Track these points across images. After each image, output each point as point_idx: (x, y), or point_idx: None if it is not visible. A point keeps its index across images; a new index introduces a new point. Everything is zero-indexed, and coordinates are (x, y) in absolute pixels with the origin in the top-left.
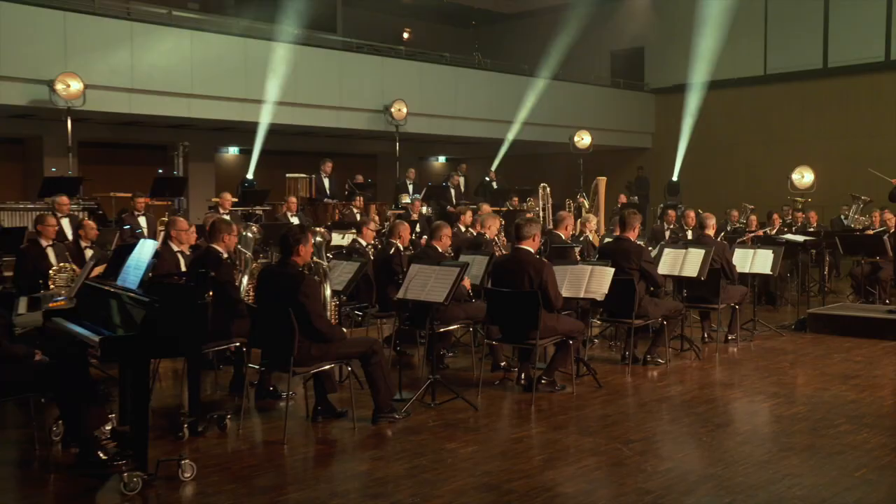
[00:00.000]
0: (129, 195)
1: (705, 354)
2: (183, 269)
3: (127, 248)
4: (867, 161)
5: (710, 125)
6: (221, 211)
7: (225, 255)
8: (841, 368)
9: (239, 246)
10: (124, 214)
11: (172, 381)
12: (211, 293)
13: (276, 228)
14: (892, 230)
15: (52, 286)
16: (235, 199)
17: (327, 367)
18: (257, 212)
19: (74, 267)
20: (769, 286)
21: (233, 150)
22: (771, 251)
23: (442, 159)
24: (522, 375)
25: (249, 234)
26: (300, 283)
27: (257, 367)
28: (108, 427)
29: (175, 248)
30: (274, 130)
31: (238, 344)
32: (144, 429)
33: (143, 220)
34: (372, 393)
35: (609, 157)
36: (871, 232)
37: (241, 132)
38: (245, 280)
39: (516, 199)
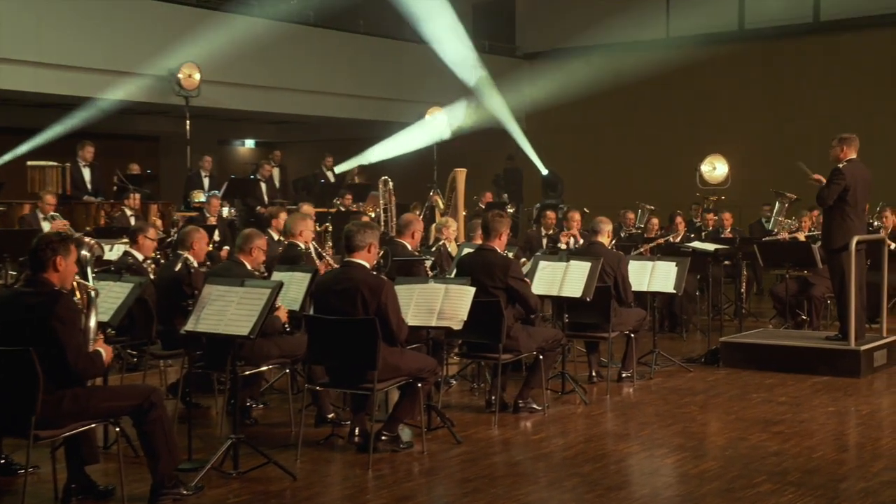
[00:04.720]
0: None
1: (593, 397)
2: None
3: None
4: (791, 146)
5: (599, 102)
6: None
7: None
8: (761, 412)
9: None
10: None
11: None
12: None
13: (14, 237)
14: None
15: None
16: None
17: (85, 427)
18: None
19: None
20: (672, 308)
21: None
22: (674, 264)
23: (250, 144)
24: (357, 430)
25: None
26: (54, 304)
27: None
28: None
29: None
30: (8, 100)
31: None
32: None
33: None
34: (149, 461)
35: (470, 143)
36: (786, 236)
37: None
38: None
39: (349, 196)
